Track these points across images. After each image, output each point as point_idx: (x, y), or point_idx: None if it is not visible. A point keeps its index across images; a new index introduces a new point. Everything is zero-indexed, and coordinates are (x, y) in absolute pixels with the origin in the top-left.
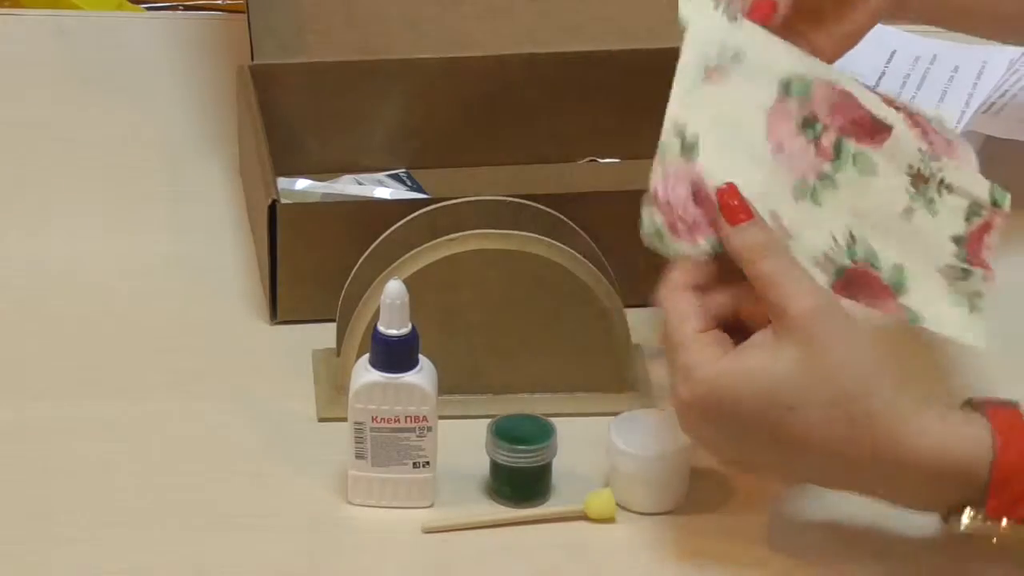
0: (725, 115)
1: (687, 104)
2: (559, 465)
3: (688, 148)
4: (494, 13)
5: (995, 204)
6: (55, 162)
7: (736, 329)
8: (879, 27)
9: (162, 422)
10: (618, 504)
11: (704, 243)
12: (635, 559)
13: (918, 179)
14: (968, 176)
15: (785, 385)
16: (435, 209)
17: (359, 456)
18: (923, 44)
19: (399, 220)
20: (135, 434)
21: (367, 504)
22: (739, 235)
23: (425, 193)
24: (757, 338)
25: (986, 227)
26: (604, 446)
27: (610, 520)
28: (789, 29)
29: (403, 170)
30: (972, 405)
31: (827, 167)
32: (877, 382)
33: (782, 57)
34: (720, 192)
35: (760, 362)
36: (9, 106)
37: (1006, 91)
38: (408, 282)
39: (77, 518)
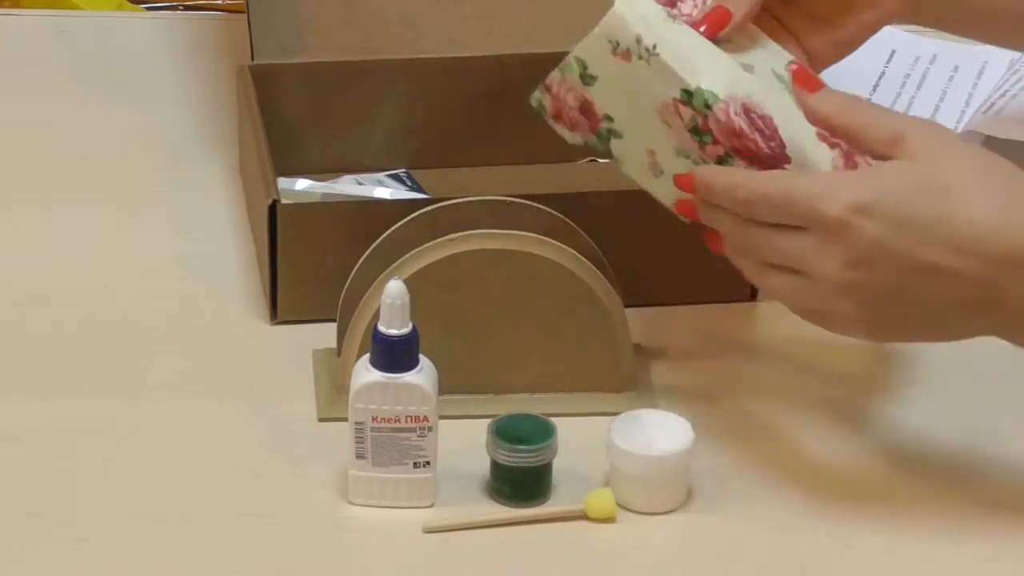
0: (623, 79)
1: (589, 52)
2: (559, 465)
3: (586, 78)
4: (494, 13)
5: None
6: (55, 162)
7: None
8: None
9: (162, 422)
10: (618, 504)
11: (579, 137)
12: (635, 559)
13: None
14: None
15: (933, 169)
16: (435, 209)
17: (359, 456)
18: (923, 44)
19: (399, 220)
20: (135, 434)
21: (367, 504)
22: (822, 102)
23: (425, 193)
24: (885, 164)
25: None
26: (604, 446)
27: (610, 520)
28: (783, 30)
29: (403, 170)
30: None
31: (701, 157)
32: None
33: (703, 66)
34: (794, 71)
35: (899, 167)
36: (9, 106)
37: (1006, 91)
38: (408, 282)
39: (77, 518)
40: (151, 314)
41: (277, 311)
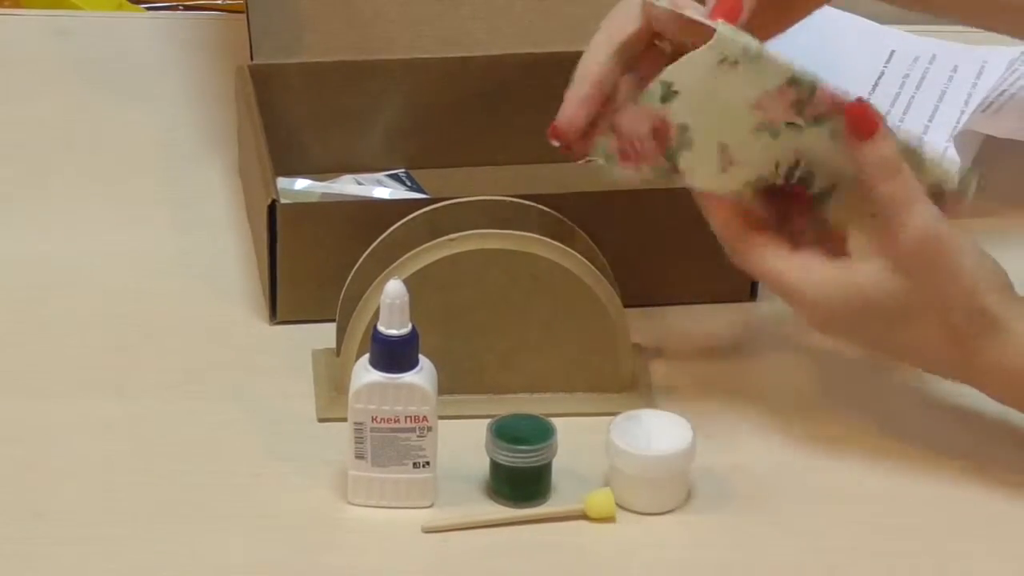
0: (714, 88)
1: (683, 73)
2: (559, 465)
3: (666, 97)
4: (494, 13)
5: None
6: (55, 162)
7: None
8: (878, 27)
9: (162, 422)
10: (618, 504)
11: (647, 170)
12: (635, 559)
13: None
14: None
15: (894, 300)
16: (435, 209)
17: (359, 456)
18: (922, 44)
19: (399, 220)
20: (135, 434)
21: (367, 504)
22: (875, 147)
23: (425, 193)
24: (866, 253)
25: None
26: (604, 446)
27: (610, 520)
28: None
29: (403, 170)
30: None
31: (800, 121)
32: (986, 286)
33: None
34: (850, 107)
35: (870, 278)
36: (9, 106)
37: (1005, 91)
38: (408, 282)
39: (77, 518)
40: (151, 314)
41: (277, 311)
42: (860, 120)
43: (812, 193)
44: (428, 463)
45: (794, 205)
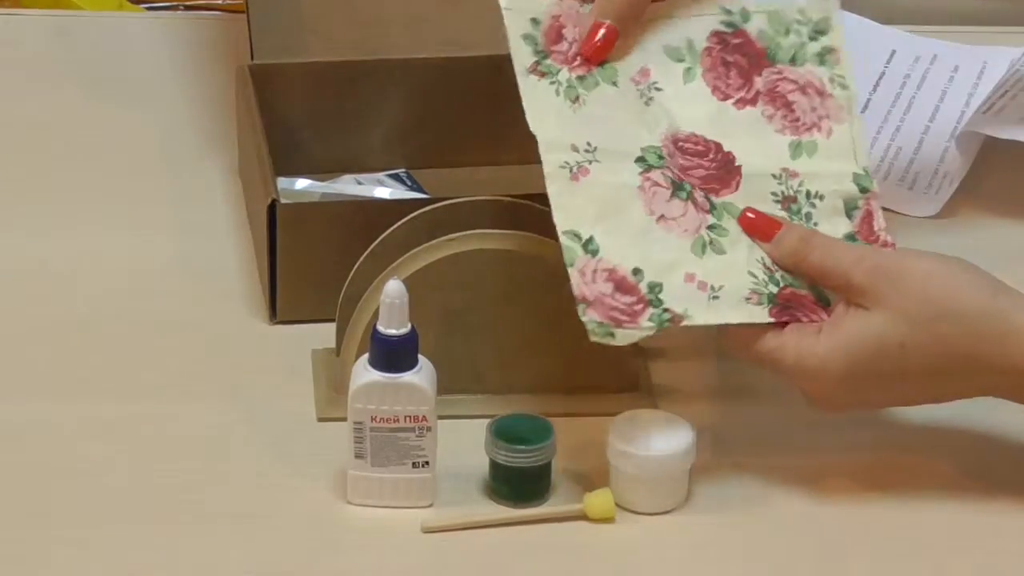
0: (603, 207)
1: (565, 208)
2: (558, 465)
3: (587, 247)
4: (494, 13)
5: (864, 191)
6: (55, 162)
7: None
8: (879, 27)
9: (162, 422)
10: (618, 504)
11: (648, 322)
12: (635, 559)
13: (787, 202)
14: (830, 174)
15: (886, 329)
16: (435, 209)
17: (358, 456)
18: (923, 44)
19: (399, 220)
20: (135, 434)
21: (367, 504)
22: (778, 247)
23: (425, 193)
24: (840, 310)
25: (868, 215)
26: (604, 446)
27: (610, 520)
28: None
29: (403, 170)
30: None
31: (711, 219)
32: (969, 291)
33: (628, 134)
34: (743, 220)
35: (855, 325)
36: (9, 106)
37: (1006, 91)
38: (408, 282)
39: (77, 518)
40: (151, 314)
41: (276, 311)
42: (755, 229)
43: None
44: (427, 463)
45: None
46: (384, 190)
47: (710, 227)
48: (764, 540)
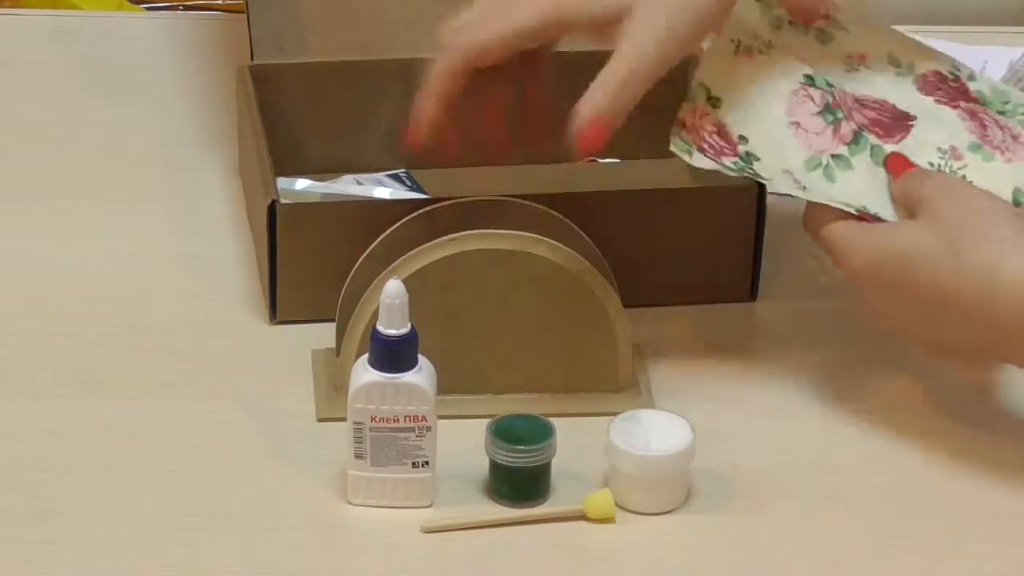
0: (747, 88)
1: (712, 70)
2: (559, 465)
3: (713, 100)
4: None
5: (1017, 204)
6: (55, 162)
7: None
8: None
9: (162, 422)
10: (618, 504)
11: (730, 163)
12: (635, 559)
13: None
14: (993, 177)
15: (919, 235)
16: (435, 209)
17: (358, 456)
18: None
19: (399, 220)
20: (135, 434)
21: (367, 504)
22: (904, 184)
23: (425, 193)
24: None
25: None
26: (603, 446)
27: (610, 520)
28: None
29: (403, 170)
30: None
31: (843, 150)
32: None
33: (809, 60)
34: (888, 161)
35: (900, 226)
36: (9, 106)
37: None
38: (408, 282)
39: (77, 518)
40: (151, 314)
41: (276, 311)
42: (894, 163)
43: None
44: (427, 463)
45: None
46: (384, 190)
47: (835, 156)
48: (764, 540)
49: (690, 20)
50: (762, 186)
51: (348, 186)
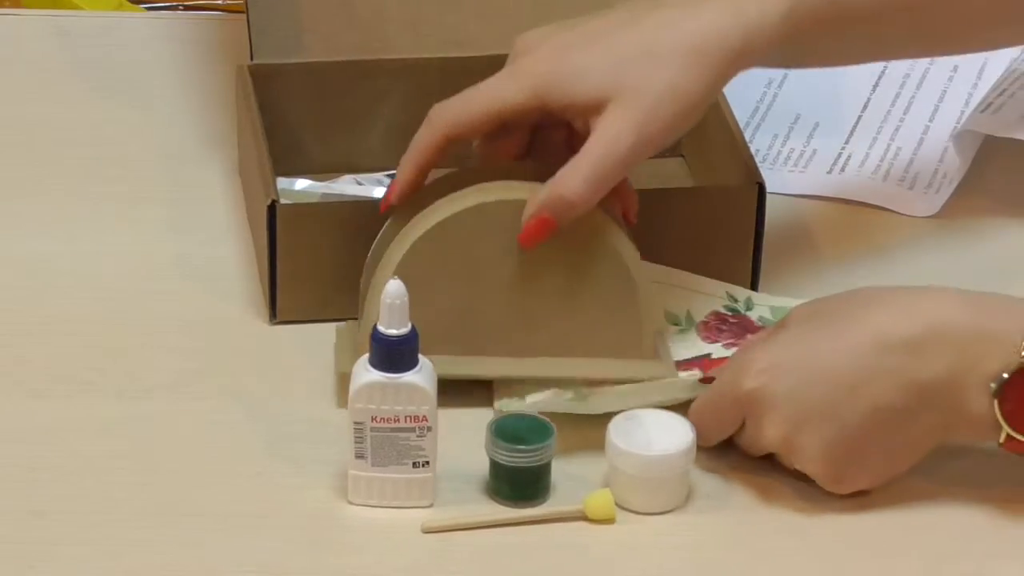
0: None
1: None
2: (558, 465)
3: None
4: (494, 13)
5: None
6: (55, 162)
7: None
8: None
9: (162, 422)
10: (618, 504)
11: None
12: (634, 559)
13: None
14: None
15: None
16: (458, 172)
17: (359, 456)
18: None
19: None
20: (135, 434)
21: (367, 504)
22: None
23: None
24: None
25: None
26: (603, 446)
27: (610, 520)
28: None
29: None
30: None
31: None
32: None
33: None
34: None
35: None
36: (9, 106)
37: (1005, 90)
38: (432, 234)
39: (77, 518)
40: (151, 314)
41: (276, 311)
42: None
43: None
44: (428, 463)
45: None
46: (384, 190)
47: None
48: (764, 540)
49: (671, 104)
50: (762, 186)
51: (348, 186)
